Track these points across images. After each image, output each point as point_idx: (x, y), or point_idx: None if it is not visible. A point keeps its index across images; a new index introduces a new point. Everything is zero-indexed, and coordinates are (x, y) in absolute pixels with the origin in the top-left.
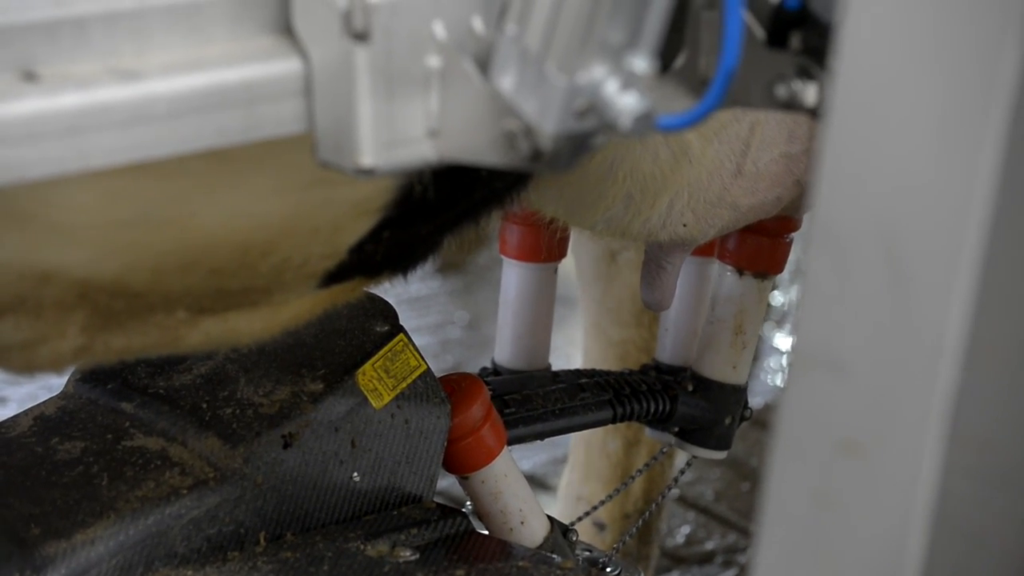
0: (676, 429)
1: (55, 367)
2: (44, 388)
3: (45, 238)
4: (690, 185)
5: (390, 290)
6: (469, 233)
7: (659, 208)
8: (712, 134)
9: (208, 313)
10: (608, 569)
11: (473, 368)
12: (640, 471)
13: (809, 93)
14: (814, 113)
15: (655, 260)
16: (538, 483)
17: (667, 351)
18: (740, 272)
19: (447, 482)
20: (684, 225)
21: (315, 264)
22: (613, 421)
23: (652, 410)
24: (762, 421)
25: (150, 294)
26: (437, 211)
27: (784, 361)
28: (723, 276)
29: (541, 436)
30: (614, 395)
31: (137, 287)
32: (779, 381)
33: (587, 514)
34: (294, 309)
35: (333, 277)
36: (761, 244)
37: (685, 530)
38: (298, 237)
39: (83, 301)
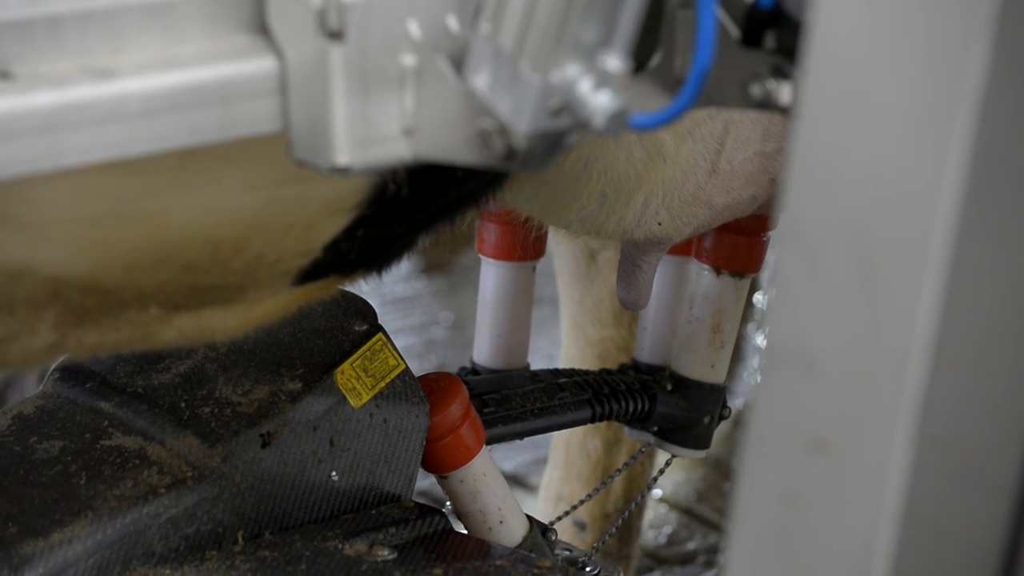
0: (655, 429)
1: (27, 363)
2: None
3: (15, 235)
4: (664, 183)
5: (374, 290)
6: (444, 232)
7: (634, 206)
8: (686, 133)
9: (182, 310)
10: (587, 568)
11: (457, 368)
12: (620, 470)
13: (784, 92)
14: (788, 112)
15: (631, 259)
16: (519, 483)
17: (645, 350)
18: (717, 271)
19: (427, 481)
20: (659, 223)
21: (289, 262)
22: (592, 420)
23: (631, 409)
24: (744, 421)
25: (122, 291)
26: (412, 210)
27: None
28: (700, 275)
29: (520, 436)
30: (593, 395)
31: (109, 284)
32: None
33: (566, 513)
34: (268, 306)
35: (308, 275)
36: (738, 243)
37: (667, 530)
38: (271, 234)
39: (55, 298)
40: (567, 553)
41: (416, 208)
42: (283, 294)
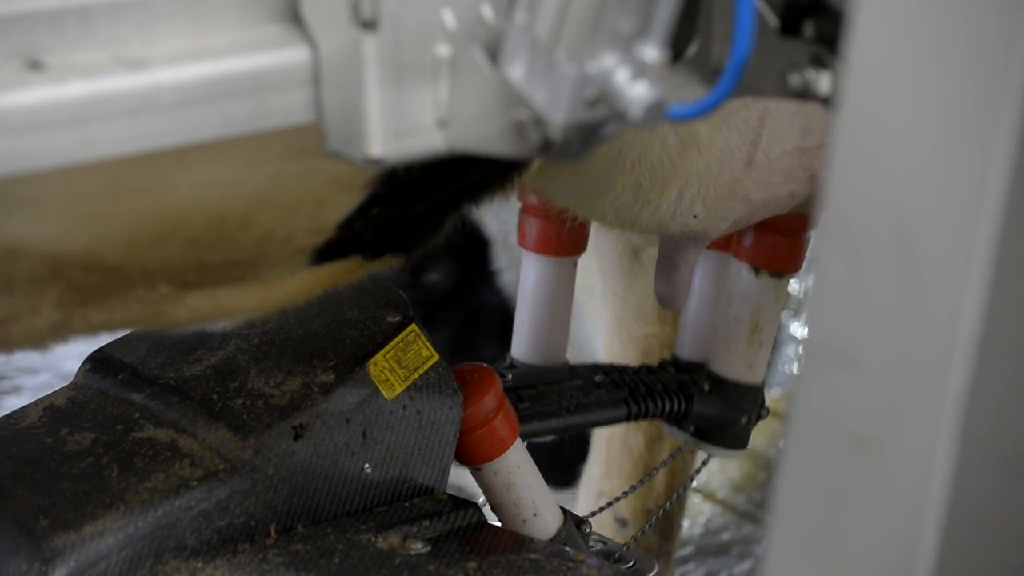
0: (692, 428)
1: (33, 343)
2: (59, 377)
3: (9, 210)
4: (700, 174)
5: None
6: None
7: (668, 197)
8: (720, 121)
9: (193, 288)
10: (623, 561)
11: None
12: (659, 468)
13: (823, 82)
14: (828, 102)
15: (669, 257)
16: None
17: (686, 347)
18: (756, 271)
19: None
20: (695, 216)
21: (301, 239)
22: (627, 420)
23: (667, 409)
24: (780, 411)
25: (126, 267)
26: (430, 189)
27: (800, 350)
28: (739, 274)
29: (554, 433)
30: (629, 393)
31: (111, 260)
32: (796, 370)
33: (609, 505)
34: (290, 287)
35: (325, 254)
36: (778, 243)
37: (702, 520)
38: (279, 209)
39: (56, 277)
40: (602, 546)
41: (434, 187)
42: (304, 275)
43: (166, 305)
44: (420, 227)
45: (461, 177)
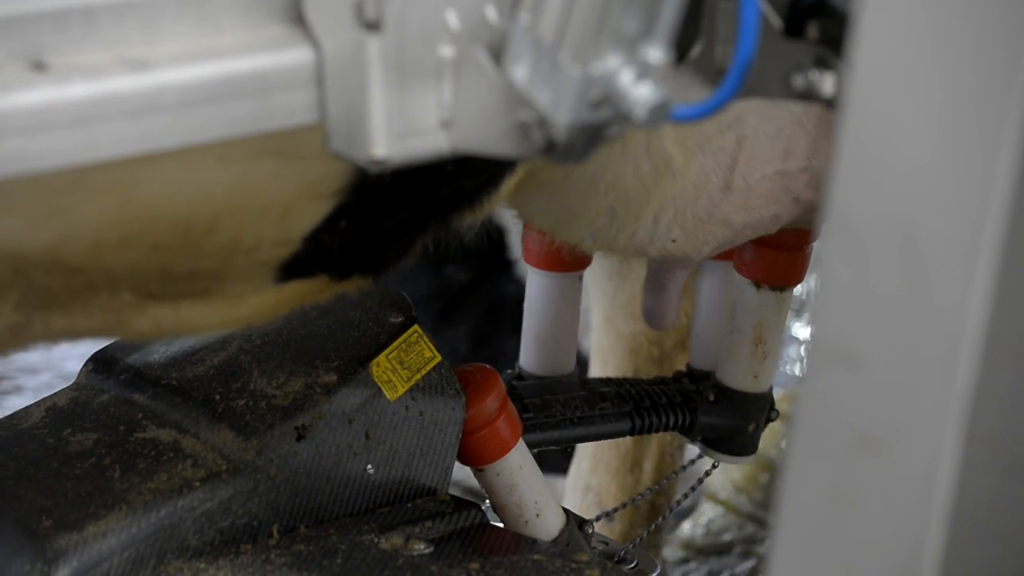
0: (699, 438)
1: None
2: (60, 377)
3: None
4: (675, 199)
5: None
6: (442, 235)
7: (644, 222)
8: (695, 147)
9: (157, 299)
10: (625, 562)
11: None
12: (655, 488)
13: (826, 83)
14: (831, 103)
15: (656, 277)
16: None
17: (698, 357)
18: (757, 285)
19: (464, 473)
20: (673, 240)
21: (267, 251)
22: (631, 433)
23: (671, 424)
24: (783, 413)
25: (90, 270)
26: (398, 204)
27: (803, 351)
28: (741, 288)
29: (557, 444)
30: (634, 407)
31: (75, 261)
32: (798, 371)
33: (605, 514)
34: (254, 304)
35: (290, 269)
36: (778, 258)
37: (703, 521)
38: (245, 215)
39: (17, 277)
40: (604, 546)
41: (402, 202)
42: (269, 292)
43: (128, 314)
44: (388, 247)
45: (431, 193)
